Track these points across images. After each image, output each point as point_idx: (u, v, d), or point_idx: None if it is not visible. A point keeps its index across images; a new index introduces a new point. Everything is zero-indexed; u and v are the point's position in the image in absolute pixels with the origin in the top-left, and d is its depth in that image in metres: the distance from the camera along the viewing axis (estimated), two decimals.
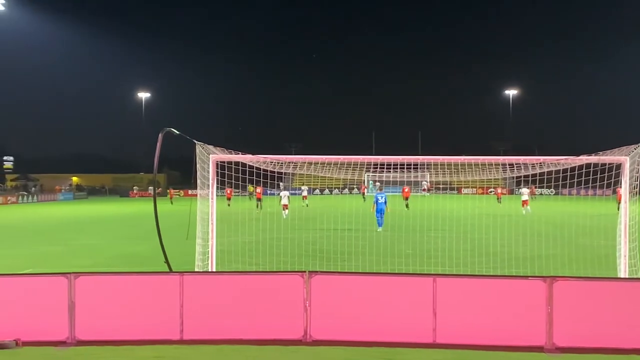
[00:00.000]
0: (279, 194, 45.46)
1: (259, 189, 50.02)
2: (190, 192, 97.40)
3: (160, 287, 11.52)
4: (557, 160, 15.48)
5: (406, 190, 55.46)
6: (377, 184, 34.96)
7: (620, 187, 14.61)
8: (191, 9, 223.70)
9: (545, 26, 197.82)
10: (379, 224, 31.80)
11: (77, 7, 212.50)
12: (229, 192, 51.84)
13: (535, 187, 56.82)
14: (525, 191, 48.04)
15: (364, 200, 56.63)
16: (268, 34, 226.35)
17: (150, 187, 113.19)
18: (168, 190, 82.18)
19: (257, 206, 49.47)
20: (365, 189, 74.15)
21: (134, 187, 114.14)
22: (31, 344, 10.95)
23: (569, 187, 24.66)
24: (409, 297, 11.23)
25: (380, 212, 32.08)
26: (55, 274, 11.80)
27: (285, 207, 42.67)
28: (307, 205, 54.80)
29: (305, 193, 59.22)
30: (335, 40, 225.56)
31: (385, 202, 32.28)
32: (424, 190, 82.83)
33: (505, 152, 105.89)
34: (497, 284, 11.54)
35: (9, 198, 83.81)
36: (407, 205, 49.74)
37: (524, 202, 47.26)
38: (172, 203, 71.00)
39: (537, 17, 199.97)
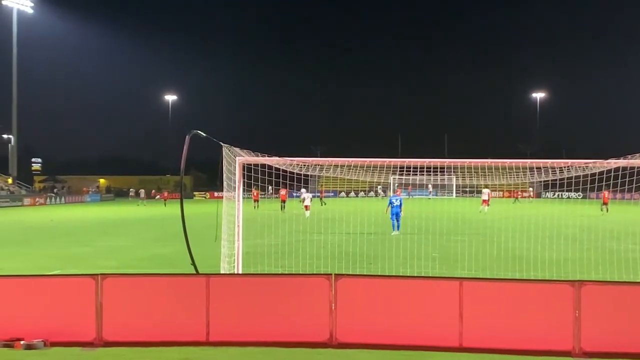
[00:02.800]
0: (301, 196, 48.06)
1: (283, 191, 50.11)
2: (215, 194, 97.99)
3: (187, 288, 11.58)
4: (586, 163, 15.36)
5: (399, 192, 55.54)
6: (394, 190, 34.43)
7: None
8: (218, 11, 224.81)
9: (574, 27, 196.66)
10: (395, 227, 31.28)
11: (104, 11, 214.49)
12: (255, 194, 52.03)
13: (609, 192, 56.77)
14: (486, 191, 53.71)
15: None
16: (295, 36, 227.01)
17: (161, 189, 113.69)
18: (159, 194, 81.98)
19: (282, 208, 50.02)
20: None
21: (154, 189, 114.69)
22: (59, 345, 11.03)
23: (597, 191, 24.42)
24: (435, 301, 11.19)
25: (395, 215, 31.56)
26: (83, 275, 11.91)
27: (307, 207, 44.97)
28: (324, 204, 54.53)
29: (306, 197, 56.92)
30: (361, 42, 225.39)
31: (401, 206, 31.73)
32: (430, 192, 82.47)
33: (532, 155, 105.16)
34: (524, 288, 11.45)
35: (37, 199, 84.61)
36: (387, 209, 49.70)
37: (484, 202, 52.76)
38: (165, 205, 71.80)
39: (565, 17, 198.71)
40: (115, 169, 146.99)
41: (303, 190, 47.76)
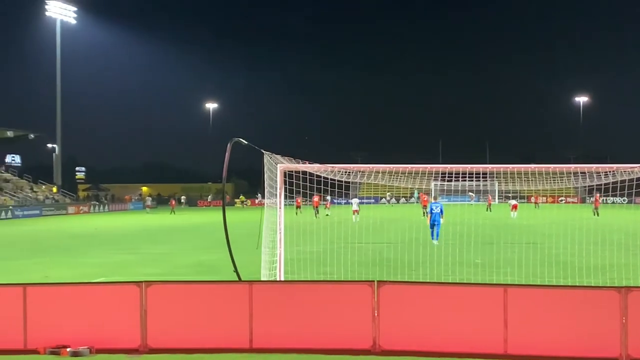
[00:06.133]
0: (349, 202, 51.47)
1: (316, 198, 50.96)
2: (257, 201, 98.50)
3: (230, 295, 11.62)
4: (631, 168, 15.13)
5: (425, 198, 55.46)
6: (430, 195, 33.71)
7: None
8: (256, 20, 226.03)
9: (619, 32, 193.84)
10: (434, 237, 29.89)
11: (145, 21, 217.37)
12: (298, 201, 52.46)
13: (600, 196, 56.36)
14: (512, 201, 56.30)
15: (424, 214, 53.43)
16: (332, 44, 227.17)
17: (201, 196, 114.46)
18: (170, 200, 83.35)
19: (315, 214, 51.17)
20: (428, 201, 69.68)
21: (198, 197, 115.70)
22: (104, 352, 11.15)
23: None
24: (479, 308, 11.08)
25: (435, 223, 30.12)
26: (128, 283, 12.02)
27: (355, 212, 48.14)
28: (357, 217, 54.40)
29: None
30: (400, 49, 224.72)
31: (441, 212, 30.43)
32: (471, 198, 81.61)
33: (575, 160, 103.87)
34: (570, 295, 11.29)
35: (81, 208, 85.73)
36: (424, 214, 49.53)
37: (513, 207, 54.57)
38: (174, 213, 72.64)
39: (611, 22, 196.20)
40: (157, 177, 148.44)
41: (352, 195, 49.58)
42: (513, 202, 55.43)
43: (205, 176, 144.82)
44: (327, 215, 53.70)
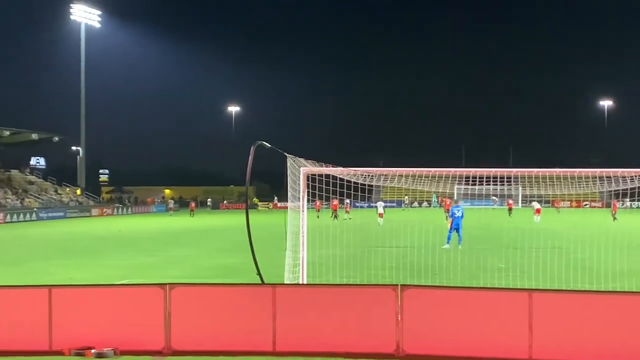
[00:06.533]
0: (373, 205, 49.71)
1: (335, 202, 51.29)
2: (278, 204, 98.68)
3: (254, 298, 11.63)
4: None
5: (448, 202, 55.30)
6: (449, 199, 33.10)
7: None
8: (280, 22, 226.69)
9: None
10: (453, 240, 29.44)
11: (168, 24, 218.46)
12: (318, 204, 52.49)
13: (618, 201, 56.07)
14: (536, 204, 54.93)
15: (447, 218, 52.83)
16: (354, 47, 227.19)
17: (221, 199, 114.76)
18: (190, 203, 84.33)
19: (334, 217, 51.66)
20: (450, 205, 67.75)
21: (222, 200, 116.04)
22: (129, 354, 11.20)
23: None
24: (504, 312, 11.01)
25: (457, 227, 29.73)
26: (152, 285, 12.07)
27: (380, 215, 49.03)
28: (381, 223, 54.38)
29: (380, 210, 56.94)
30: (424, 53, 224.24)
31: (462, 216, 30.12)
32: (494, 202, 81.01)
33: (600, 164, 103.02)
34: (596, 300, 11.22)
35: (104, 210, 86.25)
36: (447, 217, 49.33)
37: (537, 211, 53.68)
38: (193, 216, 73.21)
39: (633, 25, 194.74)
40: (179, 180, 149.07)
41: (375, 199, 52.33)
42: (537, 206, 54.65)
43: (227, 179, 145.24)
44: (347, 219, 53.31)
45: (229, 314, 11.46)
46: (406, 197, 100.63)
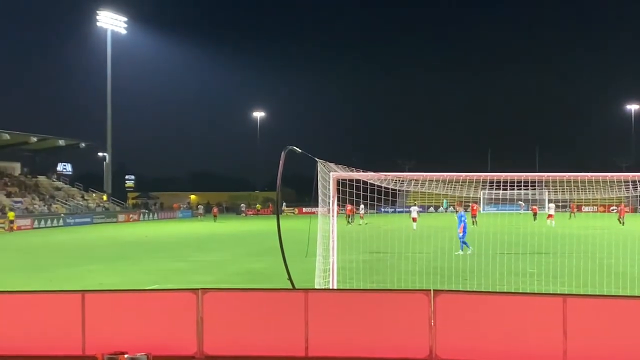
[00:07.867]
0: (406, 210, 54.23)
1: (349, 207, 51.12)
2: (304, 209, 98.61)
3: (286, 303, 11.59)
4: None
5: (475, 207, 55.10)
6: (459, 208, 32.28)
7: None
8: (307, 26, 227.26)
9: None
10: (465, 246, 28.72)
11: (193, 30, 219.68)
12: (349, 209, 52.49)
13: (626, 205, 55.75)
14: (552, 206, 56.03)
15: (474, 223, 51.64)
16: (380, 51, 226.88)
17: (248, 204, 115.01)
18: (212, 208, 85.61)
19: (348, 222, 51.34)
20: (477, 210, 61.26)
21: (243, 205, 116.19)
22: (161, 359, 11.18)
23: None
24: (538, 318, 10.87)
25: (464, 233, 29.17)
26: (184, 290, 12.08)
27: (414, 220, 49.38)
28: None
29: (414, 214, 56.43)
30: (446, 54, 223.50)
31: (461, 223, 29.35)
32: (521, 207, 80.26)
33: (628, 168, 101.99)
34: (631, 305, 11.06)
35: (131, 215, 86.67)
36: (474, 222, 49.56)
37: (550, 216, 54.30)
38: (215, 221, 73.76)
39: None
40: (205, 185, 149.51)
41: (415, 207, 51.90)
42: (551, 210, 55.56)
43: (252, 184, 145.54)
44: (362, 224, 52.08)
45: (261, 319, 11.42)
46: (445, 200, 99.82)
